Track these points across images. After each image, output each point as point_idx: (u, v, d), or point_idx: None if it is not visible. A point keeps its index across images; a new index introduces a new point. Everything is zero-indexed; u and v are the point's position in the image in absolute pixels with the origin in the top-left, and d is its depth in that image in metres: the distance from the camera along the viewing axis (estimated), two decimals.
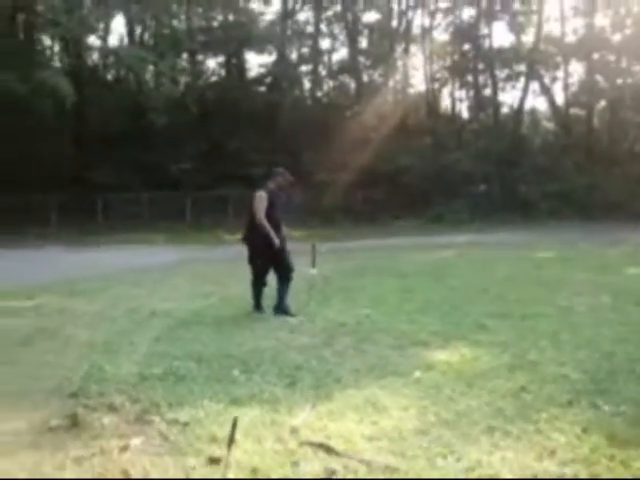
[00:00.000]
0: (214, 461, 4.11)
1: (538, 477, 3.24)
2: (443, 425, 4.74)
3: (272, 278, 9.40)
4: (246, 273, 9.62)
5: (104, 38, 37.27)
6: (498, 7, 40.42)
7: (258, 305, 9.36)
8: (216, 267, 16.00)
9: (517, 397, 5.36)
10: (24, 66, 25.39)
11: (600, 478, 3.25)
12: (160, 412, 5.03)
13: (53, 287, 12.12)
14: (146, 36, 36.40)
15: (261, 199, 9.17)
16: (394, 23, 41.99)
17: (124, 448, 4.37)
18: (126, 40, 37.24)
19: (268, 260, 9.22)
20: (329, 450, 4.26)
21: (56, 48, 37.57)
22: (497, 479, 3.24)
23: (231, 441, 3.90)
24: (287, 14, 40.06)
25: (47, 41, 36.74)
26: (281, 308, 9.15)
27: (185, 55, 37.73)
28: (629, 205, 32.07)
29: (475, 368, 6.27)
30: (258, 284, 9.38)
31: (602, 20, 42.67)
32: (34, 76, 24.56)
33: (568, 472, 3.93)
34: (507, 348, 6.99)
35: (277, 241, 8.97)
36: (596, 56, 42.25)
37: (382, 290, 11.46)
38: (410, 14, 41.93)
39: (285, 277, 9.22)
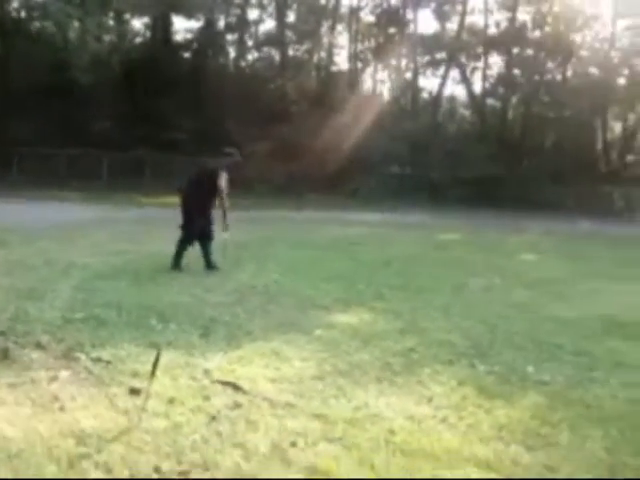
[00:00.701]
0: (135, 391, 4.66)
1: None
2: (338, 374, 5.39)
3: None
4: (160, 233, 10.17)
5: None
6: None
7: (178, 263, 9.90)
8: (131, 227, 16.38)
9: (405, 356, 6.05)
10: None
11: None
12: (84, 351, 5.54)
13: None
14: None
15: (226, 180, 10.06)
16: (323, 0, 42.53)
17: (53, 378, 4.88)
18: None
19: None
20: (237, 388, 4.86)
21: None
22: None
23: (154, 370, 4.45)
24: None
25: None
26: (211, 264, 10.12)
27: (111, 14, 37.31)
28: (535, 196, 33.49)
29: (371, 330, 6.97)
30: (185, 246, 10.02)
31: (524, 15, 44.12)
32: None
33: (439, 415, 4.63)
34: (401, 315, 7.71)
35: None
36: (515, 50, 43.64)
37: (293, 259, 12.11)
38: None
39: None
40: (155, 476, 3.50)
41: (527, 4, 43.46)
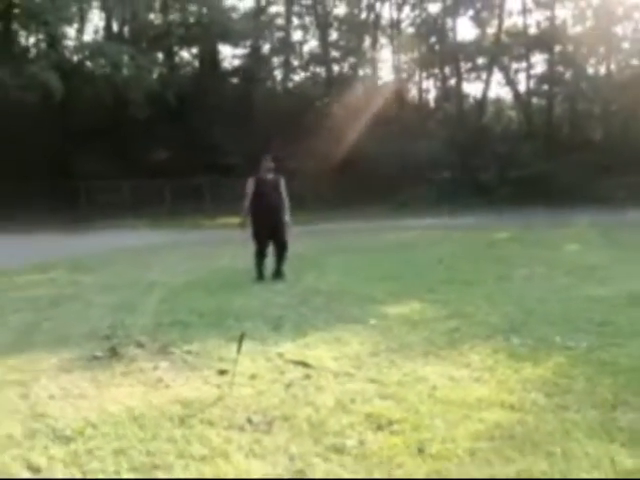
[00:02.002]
0: (222, 372, 5.71)
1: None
2: (390, 351, 6.37)
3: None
4: (223, 251, 11.34)
5: (81, 31, 38.75)
6: (462, 2, 41.89)
7: (260, 274, 11.17)
8: (197, 248, 17.65)
9: (449, 335, 6.99)
10: (10, 59, 26.72)
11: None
12: (177, 346, 6.62)
13: (58, 265, 13.69)
14: (125, 30, 37.56)
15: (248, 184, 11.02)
16: (363, 15, 43.65)
17: (155, 367, 5.97)
18: (101, 33, 38.64)
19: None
20: (305, 365, 5.88)
21: (32, 39, 38.77)
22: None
23: (239, 347, 5.50)
24: (260, 8, 41.49)
25: (24, 33, 37.87)
26: (280, 273, 11.23)
27: (161, 49, 39.06)
28: (583, 190, 33.91)
29: (420, 317, 7.94)
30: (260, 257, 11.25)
31: (563, 12, 44.53)
32: (23, 71, 25.96)
33: (474, 375, 5.57)
34: (448, 304, 8.64)
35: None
36: (557, 48, 44.08)
37: (349, 263, 13.14)
38: (378, 7, 43.59)
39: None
40: (248, 427, 4.51)
41: (566, 0, 43.91)
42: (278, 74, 44.65)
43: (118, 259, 14.95)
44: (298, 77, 45.60)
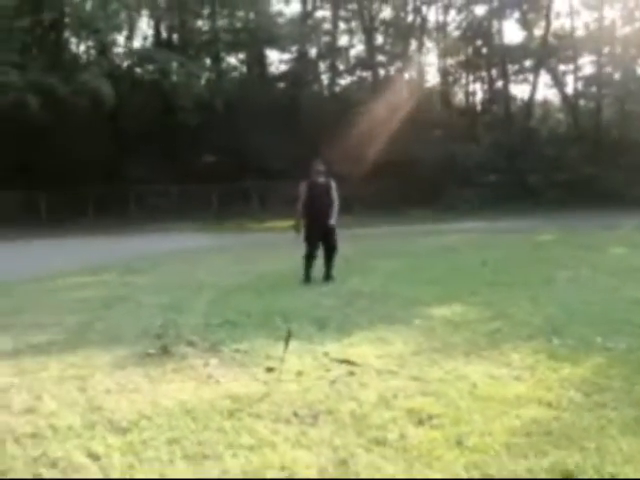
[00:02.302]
0: (270, 369, 5.93)
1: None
2: (433, 351, 6.54)
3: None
4: (271, 254, 11.58)
5: (130, 37, 39.51)
6: (508, 4, 41.79)
7: (308, 277, 11.45)
8: (245, 250, 17.98)
9: (491, 335, 7.13)
10: (63, 68, 27.48)
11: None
12: (226, 345, 6.86)
13: (109, 267, 14.10)
14: (173, 37, 38.18)
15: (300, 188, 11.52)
16: (409, 19, 43.78)
17: (206, 364, 6.21)
18: (150, 39, 39.36)
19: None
20: (350, 363, 6.08)
21: (82, 47, 39.60)
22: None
23: (286, 344, 5.73)
24: (306, 13, 41.87)
25: (75, 40, 38.70)
26: (330, 275, 11.59)
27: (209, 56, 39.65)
28: (632, 193, 33.64)
29: (463, 318, 8.09)
30: (310, 259, 11.53)
31: (612, 12, 44.13)
32: (75, 78, 26.65)
33: (514, 374, 5.72)
34: (491, 306, 8.77)
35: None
36: (606, 50, 43.70)
37: (394, 267, 13.30)
38: (424, 10, 43.70)
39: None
40: (294, 420, 4.72)
41: (614, 1, 43.52)
42: (325, 78, 45.10)
43: (167, 262, 15.32)
44: (344, 81, 45.99)
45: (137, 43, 39.97)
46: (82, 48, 39.30)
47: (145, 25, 40.67)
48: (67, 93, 26.66)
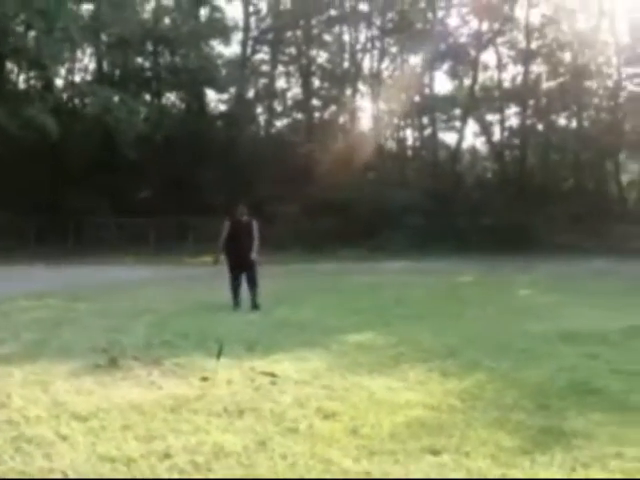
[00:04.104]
0: (205, 379, 7.03)
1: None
2: (343, 368, 7.69)
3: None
4: (206, 286, 12.76)
5: (72, 71, 40.36)
6: (439, 57, 43.91)
7: (236, 302, 12.90)
8: (182, 282, 19.09)
9: (394, 358, 8.32)
10: (7, 100, 28.28)
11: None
12: (166, 359, 7.92)
13: (53, 294, 14.98)
14: (115, 72, 39.11)
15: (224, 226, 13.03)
16: (345, 65, 45.55)
17: (149, 374, 7.28)
18: (91, 74, 40.19)
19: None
20: (272, 375, 7.21)
21: (23, 77, 40.14)
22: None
23: (218, 358, 6.84)
24: (245, 55, 43.31)
25: (16, 71, 39.24)
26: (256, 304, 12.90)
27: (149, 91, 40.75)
28: (552, 239, 35.70)
29: (373, 343, 9.33)
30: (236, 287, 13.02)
31: (538, 67, 46.60)
32: (21, 113, 27.50)
33: (408, 386, 6.92)
34: (399, 335, 9.96)
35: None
36: (531, 102, 46.14)
37: (321, 301, 14.50)
38: (360, 56, 45.53)
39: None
40: (224, 414, 5.83)
41: (541, 57, 45.99)
42: (262, 119, 46.43)
43: (108, 291, 16.26)
44: (281, 123, 47.42)
45: (78, 77, 40.90)
46: (23, 78, 39.88)
47: (86, 59, 41.48)
48: (13, 127, 27.44)
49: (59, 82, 39.82)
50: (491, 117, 46.95)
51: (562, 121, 47.25)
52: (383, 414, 5.90)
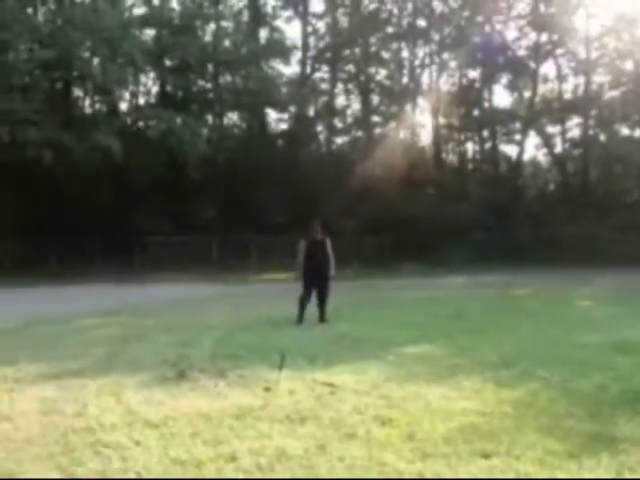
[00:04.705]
0: (268, 389, 7.39)
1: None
2: (400, 378, 7.98)
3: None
4: (269, 303, 13.27)
5: (135, 94, 41.53)
6: (498, 70, 43.94)
7: (300, 318, 13.32)
8: (245, 299, 19.55)
9: (451, 369, 8.57)
10: (75, 125, 29.37)
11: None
12: (231, 371, 8.31)
13: (121, 311, 15.60)
14: (178, 94, 39.99)
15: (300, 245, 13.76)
16: (404, 81, 45.85)
17: (216, 385, 7.68)
18: (154, 96, 41.24)
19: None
20: (332, 385, 7.54)
21: (87, 102, 41.41)
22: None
23: (280, 369, 7.19)
24: (305, 74, 43.96)
25: (83, 96, 40.54)
26: (324, 318, 13.53)
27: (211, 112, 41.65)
28: (616, 251, 35.29)
29: (430, 355, 9.59)
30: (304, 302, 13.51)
31: (600, 77, 46.23)
32: (88, 137, 28.54)
33: (463, 395, 7.17)
34: (456, 347, 10.22)
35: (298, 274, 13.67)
36: (593, 112, 45.71)
37: (381, 315, 14.80)
38: (418, 72, 45.79)
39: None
40: (287, 421, 6.16)
41: (602, 66, 45.58)
42: (322, 137, 46.97)
43: (173, 307, 16.83)
44: (341, 140, 47.89)
45: (142, 100, 42.05)
46: (88, 103, 41.12)
47: (149, 82, 42.55)
48: (81, 151, 28.48)
49: (123, 106, 41.14)
50: (552, 129, 46.68)
51: (625, 131, 46.62)
52: (438, 420, 6.18)
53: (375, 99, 47.02)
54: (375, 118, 46.19)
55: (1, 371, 8.49)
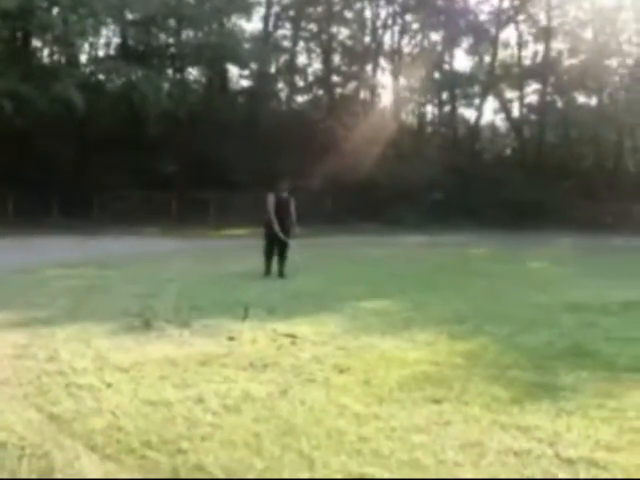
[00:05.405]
0: (231, 338, 7.72)
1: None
2: (357, 330, 8.38)
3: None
4: (229, 258, 13.75)
5: (95, 46, 41.07)
6: (459, 34, 44.20)
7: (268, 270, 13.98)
8: (205, 254, 19.79)
9: (405, 322, 8.99)
10: (34, 77, 29.10)
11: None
12: (195, 322, 8.63)
13: (83, 264, 15.78)
14: (139, 48, 39.58)
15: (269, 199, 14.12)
16: (366, 41, 45.90)
17: (181, 334, 7.99)
18: (114, 48, 40.79)
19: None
20: (292, 336, 7.89)
21: (45, 52, 40.85)
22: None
23: (244, 318, 7.53)
24: (267, 31, 43.76)
25: (42, 47, 39.98)
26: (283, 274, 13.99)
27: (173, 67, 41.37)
28: (571, 215, 36.15)
29: (386, 310, 10.00)
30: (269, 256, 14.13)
31: (559, 45, 46.74)
32: (49, 89, 28.30)
33: (416, 346, 7.58)
34: (411, 302, 10.65)
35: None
36: (551, 79, 46.25)
37: (337, 271, 15.23)
38: (380, 33, 45.84)
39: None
40: (250, 368, 6.51)
41: (562, 34, 46.10)
42: (283, 95, 46.94)
43: (136, 260, 17.02)
44: (302, 98, 47.88)
45: (101, 52, 41.60)
46: (47, 53, 40.58)
47: (110, 33, 41.96)
48: (43, 102, 28.26)
49: (83, 58, 40.66)
50: (510, 94, 47.21)
51: (582, 99, 47.32)
52: (392, 369, 6.56)
53: (336, 59, 47.00)
54: (336, 78, 46.21)
55: None
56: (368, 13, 45.71)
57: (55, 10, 33.70)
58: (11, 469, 4.18)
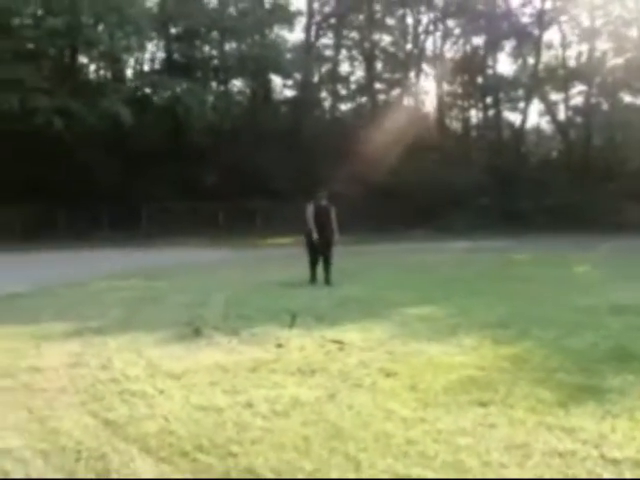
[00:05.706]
0: (279, 345, 7.86)
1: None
2: (405, 336, 8.46)
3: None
4: (276, 266, 13.79)
5: (140, 61, 41.79)
6: (502, 37, 44.03)
7: (313, 278, 14.24)
8: (252, 263, 20.03)
9: (451, 327, 9.03)
10: (83, 93, 29.72)
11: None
12: (244, 330, 8.79)
13: (133, 275, 16.06)
14: (183, 61, 40.13)
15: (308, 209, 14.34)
16: (408, 47, 45.97)
17: (229, 342, 8.14)
18: (159, 63, 41.43)
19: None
20: (340, 342, 8.00)
21: (92, 67, 41.66)
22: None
23: (291, 326, 7.66)
24: (309, 41, 44.08)
25: (88, 63, 40.79)
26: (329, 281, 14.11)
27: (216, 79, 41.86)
28: (615, 218, 35.73)
29: (431, 315, 10.05)
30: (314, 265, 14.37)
31: (603, 44, 46.25)
32: (97, 104, 28.90)
33: (463, 351, 7.64)
34: (457, 308, 10.70)
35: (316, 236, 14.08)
36: (597, 80, 45.80)
37: (385, 278, 15.33)
38: (422, 39, 45.91)
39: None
40: (298, 373, 6.63)
41: (606, 34, 45.62)
42: (326, 104, 47.21)
43: (183, 271, 17.32)
44: (345, 106, 48.12)
45: (146, 66, 42.30)
46: (93, 68, 41.39)
47: (155, 49, 42.65)
48: (92, 118, 28.88)
49: (129, 73, 41.42)
50: (555, 96, 46.89)
51: (628, 98, 46.79)
52: (439, 373, 6.63)
53: (379, 66, 47.23)
54: (379, 85, 46.44)
55: (27, 329, 9.00)
56: (410, 19, 45.99)
57: (101, 27, 34.41)
58: (69, 470, 4.38)
